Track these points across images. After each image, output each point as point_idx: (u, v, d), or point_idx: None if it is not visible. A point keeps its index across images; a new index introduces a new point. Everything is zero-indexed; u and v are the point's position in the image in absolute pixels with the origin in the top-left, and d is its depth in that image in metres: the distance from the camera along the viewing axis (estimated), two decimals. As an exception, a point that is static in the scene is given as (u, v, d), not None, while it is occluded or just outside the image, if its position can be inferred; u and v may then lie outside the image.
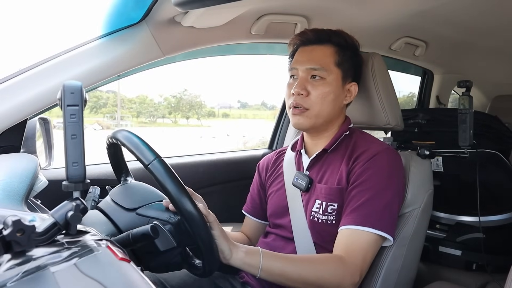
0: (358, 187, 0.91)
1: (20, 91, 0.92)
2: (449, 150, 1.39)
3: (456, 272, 1.46)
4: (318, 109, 0.97)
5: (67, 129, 0.52)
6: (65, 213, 0.49)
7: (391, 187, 0.92)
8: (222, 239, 0.78)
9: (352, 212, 0.89)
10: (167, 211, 0.80)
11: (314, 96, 0.97)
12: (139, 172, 1.11)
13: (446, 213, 1.51)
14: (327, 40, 1.01)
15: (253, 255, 0.81)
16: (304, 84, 0.98)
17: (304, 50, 1.02)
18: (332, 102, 0.98)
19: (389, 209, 0.90)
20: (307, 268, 0.84)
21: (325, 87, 0.97)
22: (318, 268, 0.85)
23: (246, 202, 1.22)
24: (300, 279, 0.83)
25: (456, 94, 2.42)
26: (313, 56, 0.99)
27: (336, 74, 0.99)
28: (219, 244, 0.77)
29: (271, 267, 0.81)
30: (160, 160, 0.71)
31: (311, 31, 1.04)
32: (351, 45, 1.04)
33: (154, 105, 22.03)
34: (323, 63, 0.98)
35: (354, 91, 1.04)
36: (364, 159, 0.93)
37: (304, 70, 0.99)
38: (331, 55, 1.00)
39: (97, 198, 0.93)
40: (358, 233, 0.87)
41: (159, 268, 0.83)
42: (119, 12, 1.04)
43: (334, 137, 1.02)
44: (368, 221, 0.87)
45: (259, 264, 0.80)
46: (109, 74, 1.02)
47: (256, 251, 0.82)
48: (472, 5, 1.31)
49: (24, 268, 0.43)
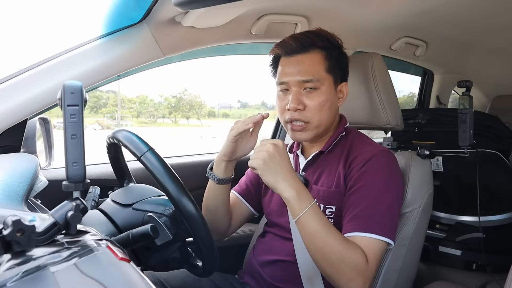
0: (357, 192, 0.90)
1: (20, 91, 0.92)
2: (449, 150, 1.39)
3: (456, 272, 1.46)
4: (317, 119, 0.94)
5: (67, 129, 0.52)
6: (65, 213, 0.49)
7: (390, 190, 0.91)
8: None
9: (353, 218, 0.87)
10: (162, 205, 0.81)
11: (312, 108, 0.93)
12: (139, 172, 1.11)
13: (446, 213, 1.51)
14: (312, 45, 0.94)
15: (301, 201, 0.82)
16: (299, 97, 0.93)
17: (290, 61, 0.95)
18: (329, 109, 0.96)
19: (390, 213, 0.89)
20: (337, 244, 0.81)
21: (320, 97, 0.93)
22: (346, 251, 0.81)
23: (239, 183, 1.17)
24: (324, 250, 0.81)
25: (456, 94, 2.42)
26: (303, 67, 0.93)
27: (329, 81, 0.95)
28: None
29: (309, 222, 0.82)
30: (153, 151, 0.72)
31: (292, 39, 0.95)
32: (335, 44, 0.98)
33: (154, 105, 22.03)
34: (315, 73, 0.93)
35: (346, 91, 1.00)
36: (360, 163, 0.92)
37: (296, 84, 0.93)
38: (320, 62, 0.94)
39: (97, 198, 0.93)
40: (367, 240, 0.85)
41: (159, 266, 0.84)
42: (120, 12, 1.04)
43: (330, 139, 1.01)
44: (370, 227, 0.85)
45: (302, 211, 0.81)
46: (109, 74, 1.02)
47: (308, 199, 0.83)
48: (472, 5, 1.31)
49: (24, 268, 0.43)
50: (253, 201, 1.14)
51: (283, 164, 0.82)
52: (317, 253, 0.83)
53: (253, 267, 1.07)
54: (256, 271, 1.05)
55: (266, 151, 0.82)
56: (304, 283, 0.96)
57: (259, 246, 1.10)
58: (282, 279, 0.99)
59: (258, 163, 0.82)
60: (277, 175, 0.82)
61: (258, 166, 0.82)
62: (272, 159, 0.81)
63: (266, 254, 1.04)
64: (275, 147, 0.82)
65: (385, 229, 0.86)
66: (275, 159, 0.82)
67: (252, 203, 1.14)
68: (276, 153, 0.82)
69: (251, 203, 1.14)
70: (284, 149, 0.84)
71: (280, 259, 1.00)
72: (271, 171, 0.82)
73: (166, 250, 0.80)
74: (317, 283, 0.94)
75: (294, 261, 0.97)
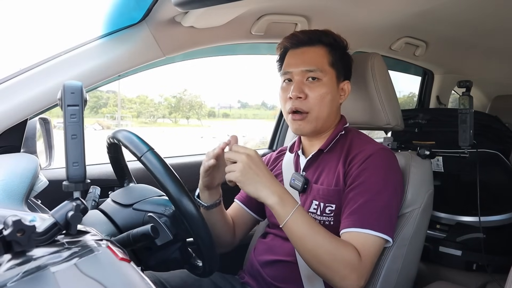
0: (356, 189, 0.90)
1: (20, 91, 0.92)
2: (449, 150, 1.39)
3: (456, 272, 1.46)
4: (317, 110, 0.97)
5: (67, 129, 0.52)
6: (66, 213, 0.49)
7: (389, 188, 0.92)
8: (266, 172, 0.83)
9: (351, 214, 0.88)
10: (163, 205, 0.81)
11: (313, 98, 0.96)
12: (139, 172, 1.11)
13: (446, 213, 1.51)
14: (318, 40, 1.00)
15: (285, 205, 0.82)
16: (301, 87, 0.96)
17: (295, 53, 1.01)
18: (330, 102, 0.98)
19: (388, 211, 0.90)
20: (327, 244, 0.82)
21: (322, 88, 0.97)
22: (337, 249, 0.82)
23: (241, 191, 1.18)
24: (314, 251, 0.82)
25: (456, 94, 2.42)
26: (307, 58, 0.98)
27: (331, 74, 0.99)
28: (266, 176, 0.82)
29: (296, 226, 0.82)
30: (153, 151, 0.72)
31: (301, 32, 1.02)
32: (340, 44, 1.03)
33: (155, 105, 22.01)
34: (318, 64, 0.97)
35: (348, 89, 1.04)
36: (359, 160, 0.93)
37: (299, 73, 0.97)
38: (324, 56, 0.99)
39: (97, 198, 0.93)
40: (363, 236, 0.86)
41: (159, 266, 0.84)
42: (120, 12, 1.04)
43: (329, 137, 1.02)
44: (368, 223, 0.86)
45: (288, 216, 0.81)
46: (109, 74, 1.02)
47: (292, 203, 0.83)
48: (472, 5, 1.31)
49: (24, 268, 0.43)
50: (255, 207, 1.14)
51: (259, 172, 0.82)
52: (307, 254, 0.83)
53: (253, 267, 1.07)
54: (257, 271, 1.05)
55: (240, 161, 0.81)
56: (305, 283, 0.96)
57: (259, 246, 1.10)
58: (283, 279, 0.99)
59: (236, 176, 0.81)
60: (257, 184, 0.81)
61: (236, 178, 0.81)
62: (248, 169, 0.80)
63: (267, 254, 1.04)
64: (248, 157, 0.81)
65: (382, 226, 0.87)
66: (251, 168, 0.81)
67: (254, 210, 1.14)
68: (250, 163, 0.81)
69: (253, 209, 1.14)
70: (257, 156, 0.83)
71: (281, 259, 1.00)
72: (250, 181, 0.81)
73: (166, 250, 0.80)
74: (317, 283, 0.94)
75: (294, 261, 0.97)
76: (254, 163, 0.81)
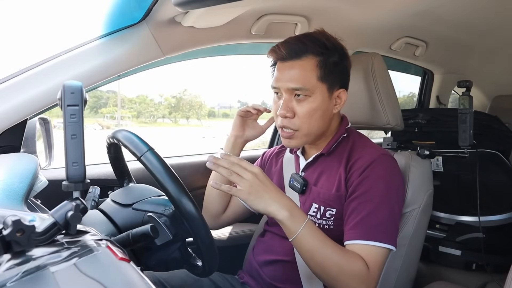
0: (358, 199, 0.89)
1: (20, 91, 0.92)
2: (449, 150, 1.39)
3: (456, 272, 1.46)
4: (307, 127, 0.93)
5: (67, 129, 0.52)
6: (65, 213, 0.49)
7: (392, 196, 0.91)
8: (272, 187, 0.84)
9: (356, 226, 0.87)
10: (162, 205, 0.81)
11: (301, 116, 0.92)
12: (139, 172, 1.11)
13: (446, 213, 1.51)
14: (305, 51, 0.90)
15: (295, 220, 0.82)
16: (289, 105, 0.92)
17: (283, 67, 0.93)
18: (320, 117, 0.93)
19: (392, 220, 0.89)
20: (335, 257, 0.82)
21: (311, 104, 0.91)
22: (346, 261, 0.82)
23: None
24: (323, 264, 0.82)
25: (456, 94, 2.42)
26: (294, 75, 0.90)
27: (321, 89, 0.92)
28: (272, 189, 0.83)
29: (305, 240, 0.82)
30: (153, 151, 0.72)
31: (284, 46, 0.92)
32: (333, 48, 0.93)
33: (154, 105, 22.01)
34: (305, 82, 0.90)
35: (344, 98, 0.97)
36: (360, 167, 0.91)
37: (286, 91, 0.92)
38: (312, 70, 0.90)
39: (97, 198, 0.93)
40: (369, 248, 0.85)
41: (159, 266, 0.84)
42: (120, 12, 1.04)
43: (331, 140, 1.00)
44: (373, 235, 0.85)
45: (297, 231, 0.82)
46: (109, 74, 1.02)
47: (301, 217, 0.83)
48: (472, 5, 1.31)
49: (24, 268, 0.43)
50: None
51: (265, 187, 0.81)
52: (317, 268, 0.83)
53: (252, 267, 1.07)
54: (256, 271, 1.05)
55: (247, 180, 0.80)
56: (304, 283, 0.96)
57: (258, 246, 1.10)
58: (282, 279, 0.99)
59: (244, 194, 0.81)
60: (266, 200, 0.81)
61: (245, 198, 0.81)
62: (256, 186, 0.80)
63: (266, 254, 1.04)
64: (253, 174, 0.81)
65: (387, 236, 0.87)
66: (259, 186, 0.81)
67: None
68: (256, 179, 0.81)
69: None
70: (262, 173, 0.83)
71: (280, 259, 1.00)
72: (259, 199, 0.81)
73: (166, 250, 0.80)
74: (316, 283, 0.94)
75: (293, 261, 0.97)
76: (260, 180, 0.81)
